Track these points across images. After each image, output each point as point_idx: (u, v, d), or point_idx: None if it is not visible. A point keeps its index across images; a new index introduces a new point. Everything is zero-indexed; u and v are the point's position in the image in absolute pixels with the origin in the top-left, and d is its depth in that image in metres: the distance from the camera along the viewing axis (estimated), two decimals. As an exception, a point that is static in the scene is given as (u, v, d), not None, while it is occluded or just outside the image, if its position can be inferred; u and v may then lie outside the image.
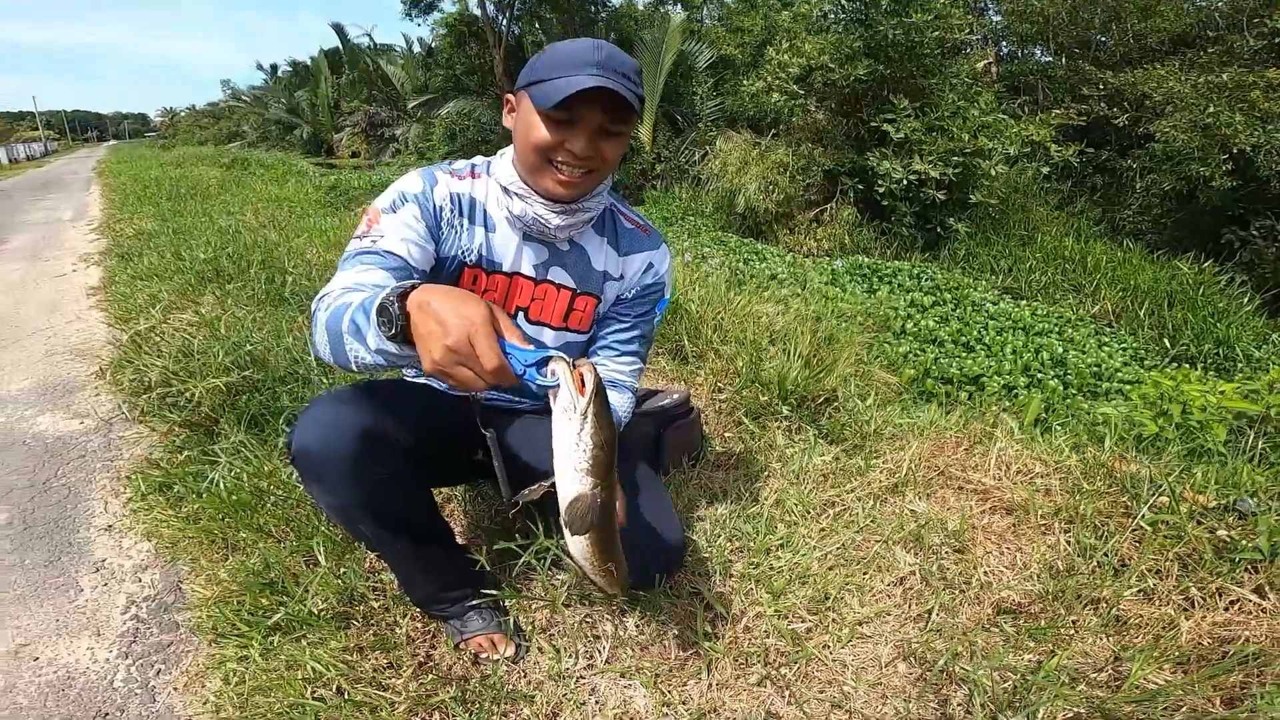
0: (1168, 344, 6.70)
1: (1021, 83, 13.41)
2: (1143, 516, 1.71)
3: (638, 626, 1.51)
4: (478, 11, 19.06)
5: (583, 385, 0.97)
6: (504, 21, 19.03)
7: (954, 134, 8.71)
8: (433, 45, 22.17)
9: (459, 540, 1.54)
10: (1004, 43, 15.28)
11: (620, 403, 1.43)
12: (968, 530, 1.78)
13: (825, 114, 10.21)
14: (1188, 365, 6.24)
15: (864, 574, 1.65)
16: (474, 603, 1.44)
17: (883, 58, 9.34)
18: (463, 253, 1.34)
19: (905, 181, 8.69)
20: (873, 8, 9.26)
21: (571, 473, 1.01)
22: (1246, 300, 7.81)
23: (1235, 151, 8.98)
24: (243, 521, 1.87)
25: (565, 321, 1.44)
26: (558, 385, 0.95)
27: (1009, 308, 6.38)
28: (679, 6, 19.42)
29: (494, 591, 1.44)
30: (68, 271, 5.64)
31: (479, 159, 1.43)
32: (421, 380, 1.53)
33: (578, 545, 1.11)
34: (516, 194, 1.31)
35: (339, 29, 24.60)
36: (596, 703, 1.36)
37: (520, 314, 1.42)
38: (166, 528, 2.00)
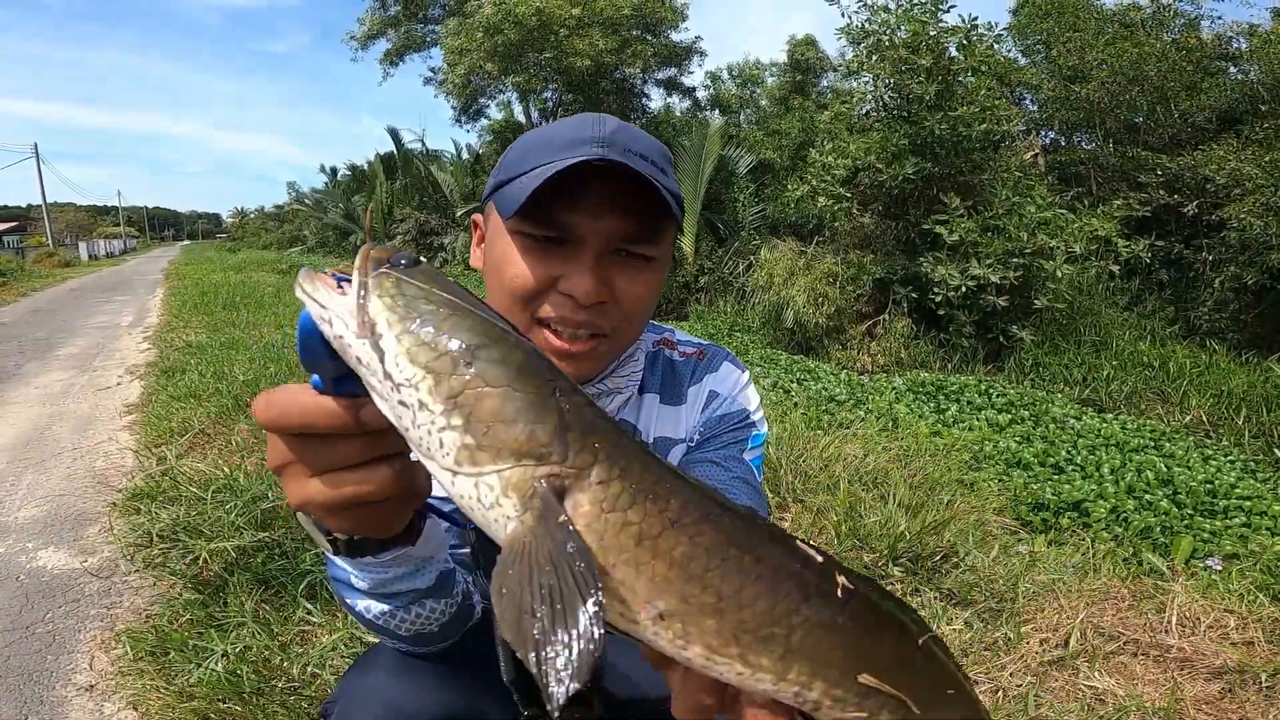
0: (1278, 454, 6.06)
1: (1071, 173, 13.17)
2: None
3: None
4: (523, 119, 19.99)
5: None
6: (548, 128, 19.81)
7: (1011, 233, 8.42)
8: (480, 152, 23.23)
9: None
10: (1046, 131, 15.13)
11: None
12: (1173, 704, 1.52)
13: (872, 217, 10.03)
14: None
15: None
16: None
17: (929, 155, 9.21)
18: None
19: (963, 288, 8.34)
20: (916, 103, 9.17)
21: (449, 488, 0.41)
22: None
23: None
24: (247, 708, 1.61)
25: None
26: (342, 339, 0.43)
27: (1095, 422, 5.87)
28: (716, 112, 20.05)
29: None
30: (113, 384, 5.60)
31: None
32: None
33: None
34: None
35: (394, 133, 25.83)
36: None
37: None
38: (156, 699, 1.74)
